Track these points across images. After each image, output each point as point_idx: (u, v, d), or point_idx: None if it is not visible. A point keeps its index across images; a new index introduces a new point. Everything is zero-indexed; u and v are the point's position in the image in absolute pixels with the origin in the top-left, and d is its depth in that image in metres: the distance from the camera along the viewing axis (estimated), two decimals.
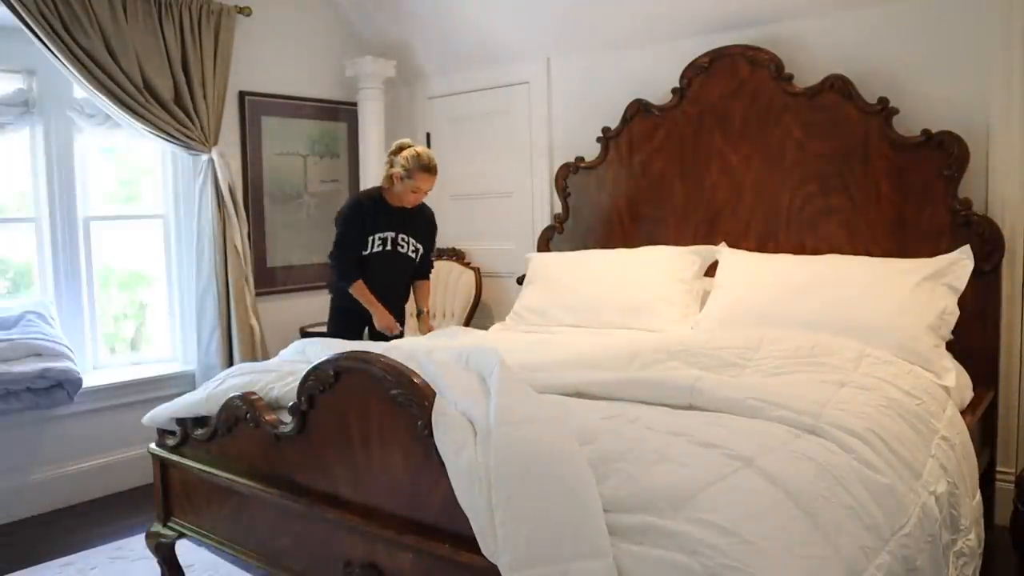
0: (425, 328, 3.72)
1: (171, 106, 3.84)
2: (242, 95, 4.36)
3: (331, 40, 4.80)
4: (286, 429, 2.10)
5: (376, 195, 3.55)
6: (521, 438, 1.59)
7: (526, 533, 1.45)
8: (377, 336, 3.54)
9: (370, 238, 3.49)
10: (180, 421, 2.49)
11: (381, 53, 4.74)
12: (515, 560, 1.43)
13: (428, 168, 3.42)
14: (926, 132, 3.10)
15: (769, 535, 1.47)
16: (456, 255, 4.75)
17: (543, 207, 4.44)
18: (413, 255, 3.59)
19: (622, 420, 1.98)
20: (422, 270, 3.74)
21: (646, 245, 3.77)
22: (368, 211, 3.50)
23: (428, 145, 4.95)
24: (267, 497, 2.13)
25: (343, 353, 1.97)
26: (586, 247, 4.00)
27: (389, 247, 3.51)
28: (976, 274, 2.92)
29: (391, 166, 3.48)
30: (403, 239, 3.55)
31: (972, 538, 2.19)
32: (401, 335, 3.59)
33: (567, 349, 2.86)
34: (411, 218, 3.56)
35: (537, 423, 1.66)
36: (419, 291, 3.77)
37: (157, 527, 2.55)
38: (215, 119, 4.04)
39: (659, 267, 3.50)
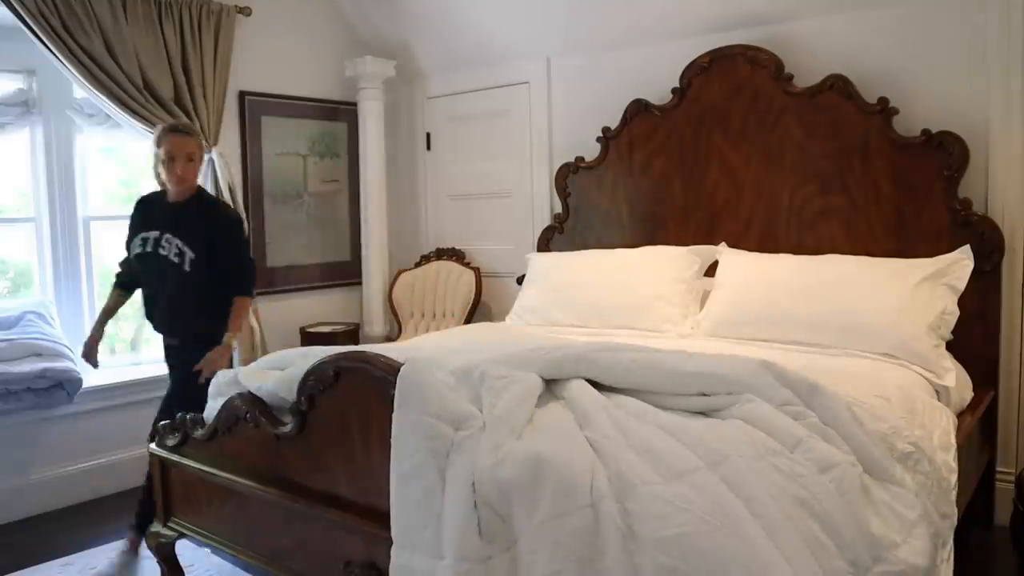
0: (214, 357, 2.91)
1: (171, 106, 3.84)
2: (242, 95, 4.36)
3: (331, 40, 4.80)
4: (286, 429, 2.10)
5: (157, 193, 3.12)
6: None
7: None
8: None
9: (136, 237, 3.03)
10: (180, 420, 2.49)
11: (381, 53, 4.74)
12: None
13: (174, 128, 2.99)
14: (926, 132, 3.10)
15: None
16: (456, 255, 4.75)
17: (543, 207, 4.44)
18: (177, 260, 2.93)
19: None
20: (231, 283, 3.02)
21: (646, 245, 3.77)
22: (143, 207, 3.10)
23: (428, 146, 4.97)
24: (267, 497, 2.13)
25: (343, 353, 1.97)
26: (586, 247, 4.00)
27: (150, 248, 2.98)
28: (976, 274, 2.92)
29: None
30: (167, 240, 2.95)
31: None
32: (95, 366, 3.14)
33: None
34: (186, 217, 2.98)
35: None
36: (231, 309, 3.03)
37: (157, 527, 2.55)
38: (215, 119, 4.04)
39: (659, 267, 3.50)
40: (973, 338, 3.01)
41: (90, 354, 3.13)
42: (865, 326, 2.82)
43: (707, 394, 1.97)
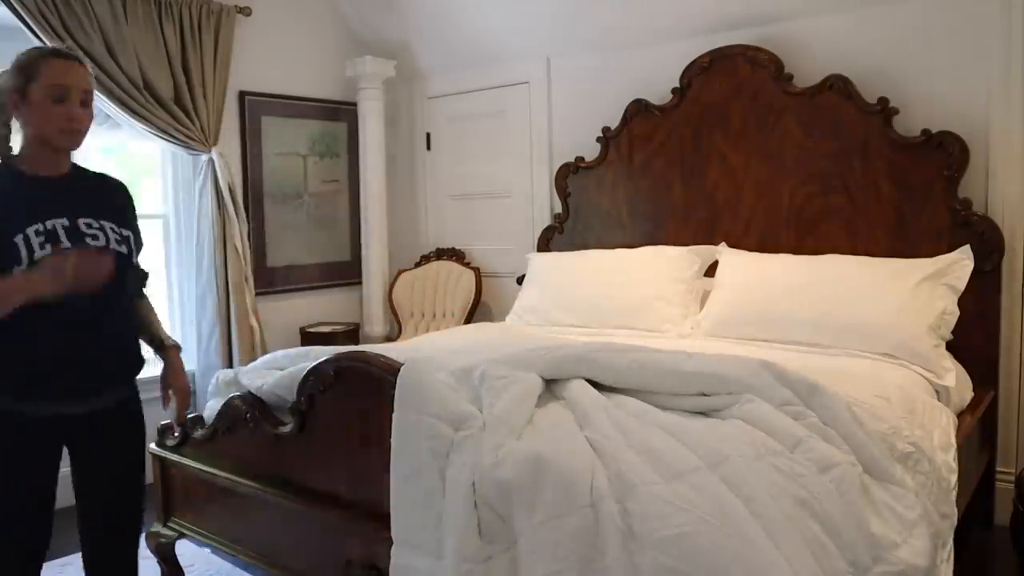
0: (179, 371, 2.18)
1: (171, 106, 3.84)
2: (242, 95, 4.36)
3: (331, 40, 4.80)
4: (286, 429, 2.10)
5: (4, 170, 1.91)
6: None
7: None
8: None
9: (26, 231, 1.79)
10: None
11: (381, 53, 4.74)
12: None
13: (57, 52, 1.89)
14: (926, 132, 3.10)
15: None
16: (456, 255, 4.75)
17: (543, 207, 4.44)
18: (124, 250, 1.96)
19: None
20: (134, 281, 2.08)
21: (646, 245, 3.77)
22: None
23: (428, 146, 4.96)
24: (267, 497, 2.13)
25: (343, 353, 1.97)
26: (586, 247, 4.00)
27: (67, 243, 1.83)
28: (976, 274, 2.92)
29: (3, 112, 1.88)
30: (89, 225, 1.89)
31: None
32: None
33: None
34: (97, 190, 2.02)
35: None
36: (147, 315, 2.21)
37: (157, 527, 2.55)
38: (215, 119, 4.04)
39: (659, 267, 3.50)
40: (973, 338, 3.01)
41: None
42: (865, 326, 2.82)
43: (707, 394, 1.97)
